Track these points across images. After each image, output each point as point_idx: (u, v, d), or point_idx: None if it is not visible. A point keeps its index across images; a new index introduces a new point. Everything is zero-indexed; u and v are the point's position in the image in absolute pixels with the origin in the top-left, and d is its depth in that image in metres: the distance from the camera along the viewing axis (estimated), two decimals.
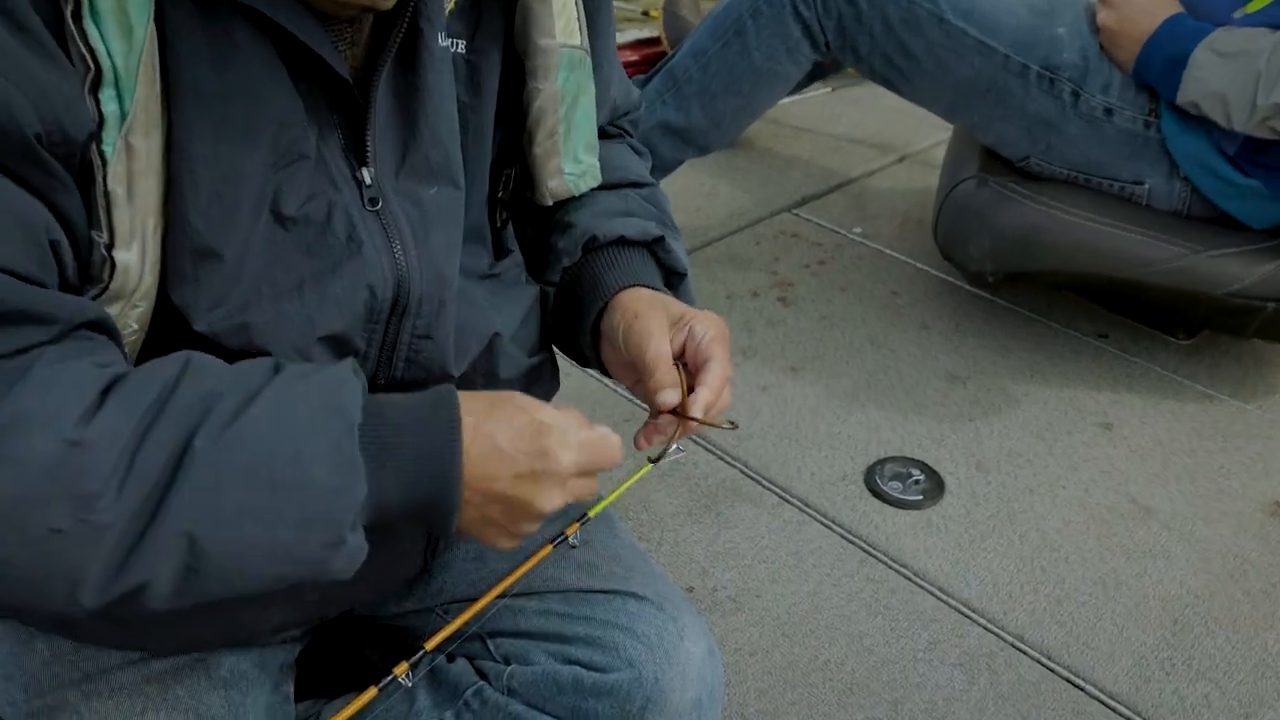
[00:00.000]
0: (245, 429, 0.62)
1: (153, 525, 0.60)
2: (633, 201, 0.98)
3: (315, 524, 0.64)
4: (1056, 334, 2.02)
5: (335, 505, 0.64)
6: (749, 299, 2.06)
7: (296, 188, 0.72)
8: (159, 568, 0.61)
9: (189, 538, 0.61)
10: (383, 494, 0.67)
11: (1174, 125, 1.71)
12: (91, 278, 0.66)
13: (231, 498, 0.61)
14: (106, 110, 0.63)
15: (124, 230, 0.66)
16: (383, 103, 0.75)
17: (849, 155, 2.70)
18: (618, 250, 0.93)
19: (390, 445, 0.68)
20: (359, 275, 0.74)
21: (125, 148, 0.64)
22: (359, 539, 0.67)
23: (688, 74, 1.99)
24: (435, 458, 0.68)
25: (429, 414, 0.69)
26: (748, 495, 1.57)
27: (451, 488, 0.69)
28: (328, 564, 0.66)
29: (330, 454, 0.64)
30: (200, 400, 0.63)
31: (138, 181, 0.65)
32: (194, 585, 0.63)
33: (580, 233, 0.93)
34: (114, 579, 0.61)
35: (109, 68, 0.62)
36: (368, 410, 0.67)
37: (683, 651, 0.89)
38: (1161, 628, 1.39)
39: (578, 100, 0.89)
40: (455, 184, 0.81)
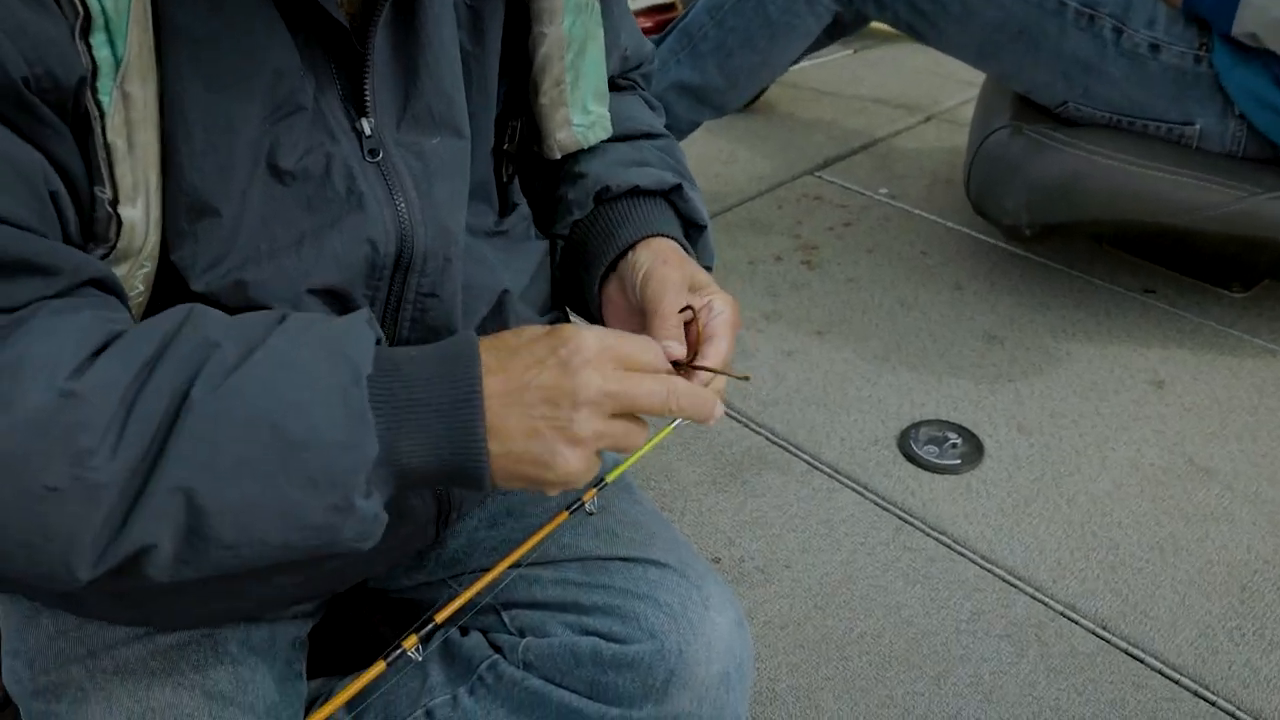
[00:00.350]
0: (245, 378, 0.58)
1: (149, 482, 0.56)
2: (647, 151, 0.93)
3: (321, 484, 0.59)
4: (1099, 290, 1.91)
5: (342, 462, 0.59)
6: (772, 263, 1.97)
7: (294, 140, 0.68)
8: (158, 530, 0.57)
9: (186, 494, 0.57)
10: (402, 458, 0.62)
11: (1228, 58, 1.59)
12: (97, 236, 0.63)
13: (230, 451, 0.57)
14: (99, 56, 0.59)
15: (127, 185, 0.63)
16: (381, 51, 0.72)
17: (873, 116, 2.61)
18: (633, 201, 0.88)
19: (405, 404, 0.62)
20: (359, 229, 0.71)
21: (122, 96, 0.61)
22: (374, 506, 0.61)
23: (703, 31, 1.90)
24: (454, 411, 0.62)
25: (448, 365, 0.63)
26: (774, 462, 1.48)
27: (474, 441, 0.62)
28: (339, 531, 0.60)
29: (336, 405, 0.59)
30: (197, 349, 0.59)
31: (137, 132, 0.62)
32: (197, 551, 0.59)
33: (592, 183, 0.88)
34: (112, 543, 0.57)
35: (98, 11, 0.59)
36: (381, 366, 0.62)
37: (708, 621, 0.83)
38: (1228, 594, 1.29)
39: (585, 47, 0.85)
40: (459, 133, 0.77)
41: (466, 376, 0.63)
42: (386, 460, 0.61)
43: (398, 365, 0.63)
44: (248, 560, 0.60)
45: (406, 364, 0.63)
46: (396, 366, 0.63)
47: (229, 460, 0.57)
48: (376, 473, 0.61)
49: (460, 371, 0.63)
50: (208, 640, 0.82)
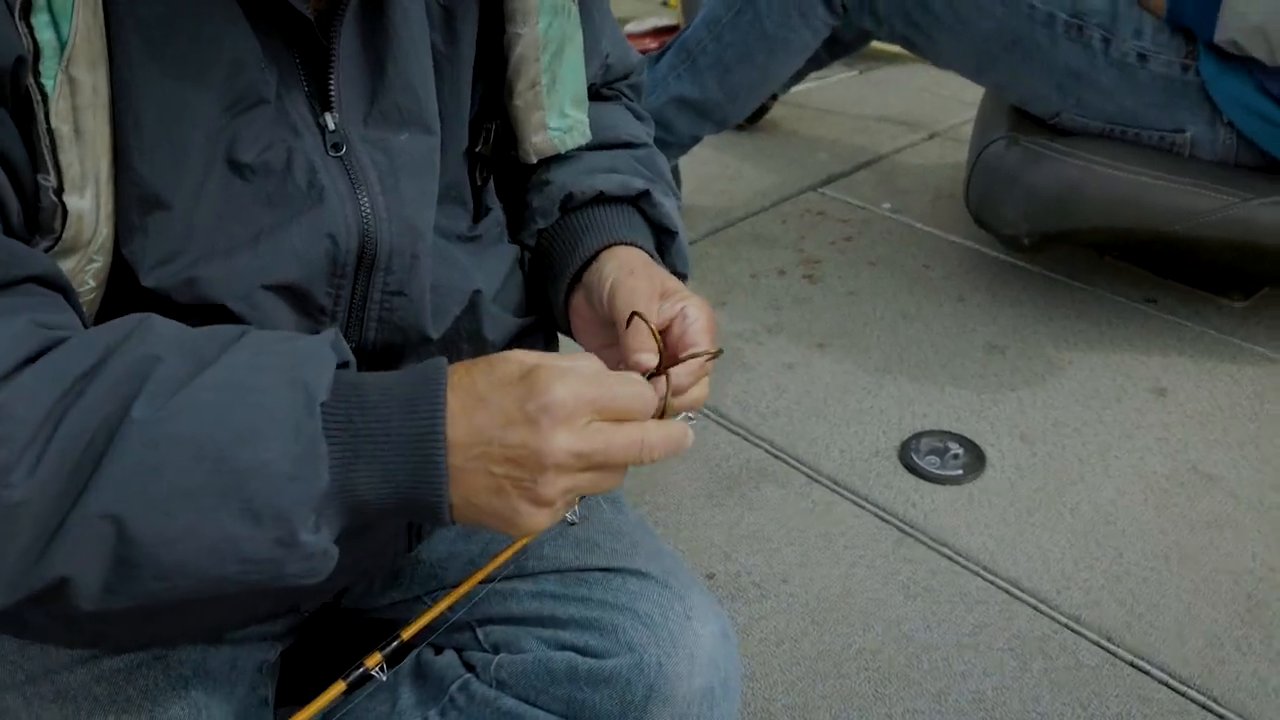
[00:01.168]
0: (191, 399, 0.54)
1: (76, 506, 0.52)
2: (620, 160, 0.91)
3: (265, 517, 0.55)
4: (1101, 300, 1.89)
5: (288, 495, 0.55)
6: (774, 277, 1.96)
7: (254, 134, 0.66)
8: (84, 557, 0.53)
9: (116, 522, 0.53)
10: (357, 490, 0.58)
11: (1214, 67, 1.59)
12: (41, 226, 0.60)
13: (168, 477, 0.53)
14: (42, 39, 0.57)
15: (74, 173, 0.60)
16: (348, 45, 0.70)
17: (877, 134, 2.61)
18: (598, 208, 0.85)
19: (363, 434, 0.58)
20: (319, 224, 0.68)
21: (67, 80, 0.58)
22: (321, 540, 0.58)
23: (701, 45, 1.91)
24: (414, 442, 0.58)
25: (411, 392, 0.59)
26: (773, 475, 1.47)
27: (434, 473, 0.58)
28: (282, 566, 0.57)
29: (286, 436, 0.55)
30: (138, 365, 0.55)
31: (84, 119, 0.59)
32: (128, 581, 0.55)
33: (557, 190, 0.85)
34: (30, 569, 0.53)
35: None
36: (340, 391, 0.59)
37: (690, 633, 0.80)
38: (1234, 604, 1.27)
39: (563, 49, 0.83)
40: (428, 129, 0.75)
41: (429, 408, 0.59)
42: (339, 491, 0.58)
43: (360, 391, 0.59)
44: (183, 592, 0.57)
45: (370, 390, 0.60)
46: (359, 392, 0.59)
47: (166, 487, 0.54)
48: (327, 505, 0.58)
49: (424, 402, 0.59)
50: (159, 663, 0.78)
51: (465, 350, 0.82)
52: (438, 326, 0.77)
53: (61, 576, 0.54)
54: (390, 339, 0.75)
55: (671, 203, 0.89)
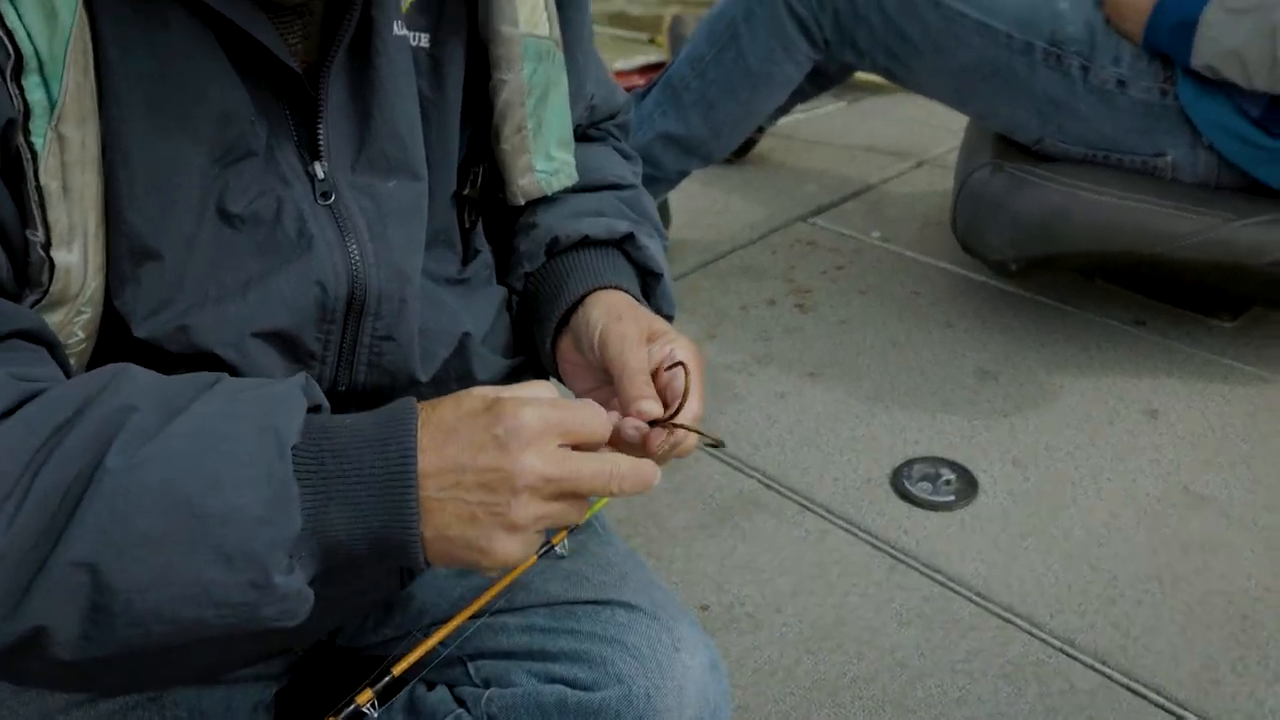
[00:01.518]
0: (162, 447, 0.55)
1: (51, 556, 0.53)
2: (606, 202, 0.92)
3: (237, 560, 0.55)
4: (1090, 324, 1.90)
5: (261, 538, 0.56)
6: (764, 308, 1.97)
7: (244, 185, 0.67)
8: (59, 606, 0.54)
9: (91, 570, 0.53)
10: (330, 531, 0.59)
11: (1192, 91, 1.61)
12: (30, 280, 0.61)
13: (141, 524, 0.54)
14: (32, 99, 0.58)
15: (61, 228, 0.61)
16: (335, 95, 0.71)
17: (865, 164, 2.63)
18: (583, 252, 0.86)
19: (335, 475, 0.59)
20: (308, 271, 0.69)
21: (56, 138, 0.59)
22: (295, 582, 0.58)
23: (685, 82, 1.93)
24: (385, 482, 0.59)
25: (382, 433, 0.60)
26: (766, 505, 1.47)
27: (406, 512, 0.59)
28: (257, 609, 0.57)
29: (258, 480, 0.56)
30: (114, 415, 0.56)
31: (73, 174, 0.61)
32: (103, 629, 0.55)
33: (543, 233, 0.86)
34: (7, 620, 0.53)
35: (30, 53, 0.58)
36: (311, 434, 0.59)
37: (678, 664, 0.80)
38: (1229, 624, 1.27)
39: (548, 94, 0.85)
40: (415, 176, 0.76)
41: (400, 447, 0.59)
42: (313, 533, 0.58)
43: (330, 434, 0.60)
44: (160, 639, 0.57)
45: (340, 433, 0.60)
46: (329, 435, 0.60)
47: (139, 535, 0.54)
48: (301, 547, 0.58)
49: (394, 442, 0.60)
50: (154, 705, 0.78)
51: (454, 389, 0.81)
52: (426, 369, 0.78)
53: (37, 626, 0.54)
54: (380, 382, 0.76)
55: (656, 244, 0.89)
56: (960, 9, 1.68)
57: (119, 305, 0.64)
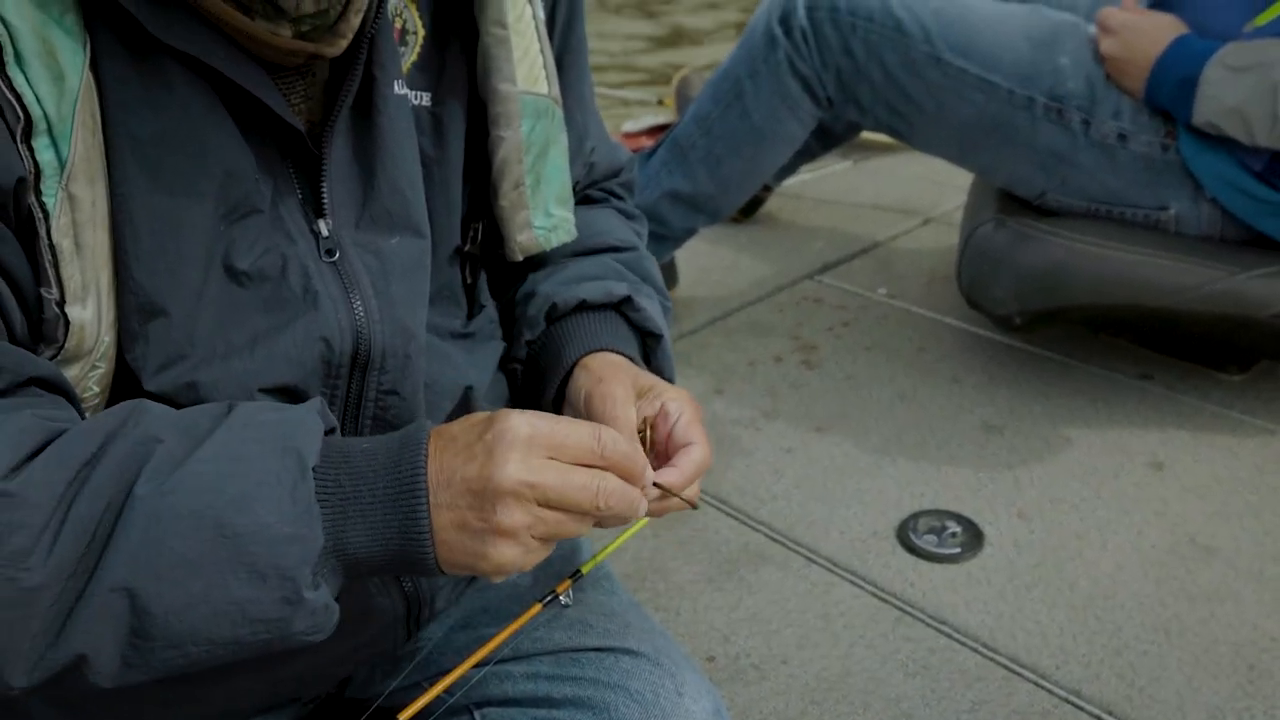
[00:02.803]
0: (189, 474, 0.57)
1: (90, 583, 0.55)
2: (605, 265, 0.93)
3: (270, 577, 0.58)
4: (1096, 378, 1.91)
5: (289, 555, 0.58)
6: (771, 364, 1.99)
7: (250, 242, 0.69)
8: (99, 633, 0.56)
9: (129, 594, 0.56)
10: (349, 548, 0.62)
11: (1193, 145, 1.63)
12: (45, 337, 0.63)
13: (174, 548, 0.56)
14: (42, 159, 0.60)
15: (75, 285, 0.63)
16: (339, 153, 0.73)
17: (872, 222, 2.66)
18: (580, 317, 0.87)
19: (351, 495, 0.62)
20: (313, 328, 0.71)
21: (67, 198, 0.61)
22: (323, 597, 0.61)
23: (691, 140, 1.97)
24: (397, 499, 0.62)
25: (395, 453, 0.63)
26: (772, 558, 1.47)
27: (417, 528, 0.62)
28: (289, 625, 0.60)
29: (283, 499, 0.59)
30: (139, 446, 0.58)
31: (84, 233, 0.63)
32: (142, 653, 0.57)
33: (542, 301, 0.88)
34: (50, 649, 0.55)
35: (39, 115, 0.60)
36: (330, 457, 0.62)
37: (682, 710, 0.80)
38: (1236, 674, 1.26)
39: (547, 151, 0.86)
40: (418, 233, 0.78)
41: (411, 466, 0.62)
42: (334, 551, 0.61)
43: (347, 456, 0.63)
44: (197, 660, 0.59)
45: (356, 455, 0.63)
46: (346, 457, 0.62)
47: (173, 558, 0.56)
48: (324, 563, 0.61)
49: (406, 461, 0.62)
50: None
51: None
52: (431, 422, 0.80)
53: (80, 654, 0.56)
54: None
55: (655, 306, 0.90)
56: (961, 65, 1.71)
57: (130, 360, 0.66)
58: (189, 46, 0.64)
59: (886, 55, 1.75)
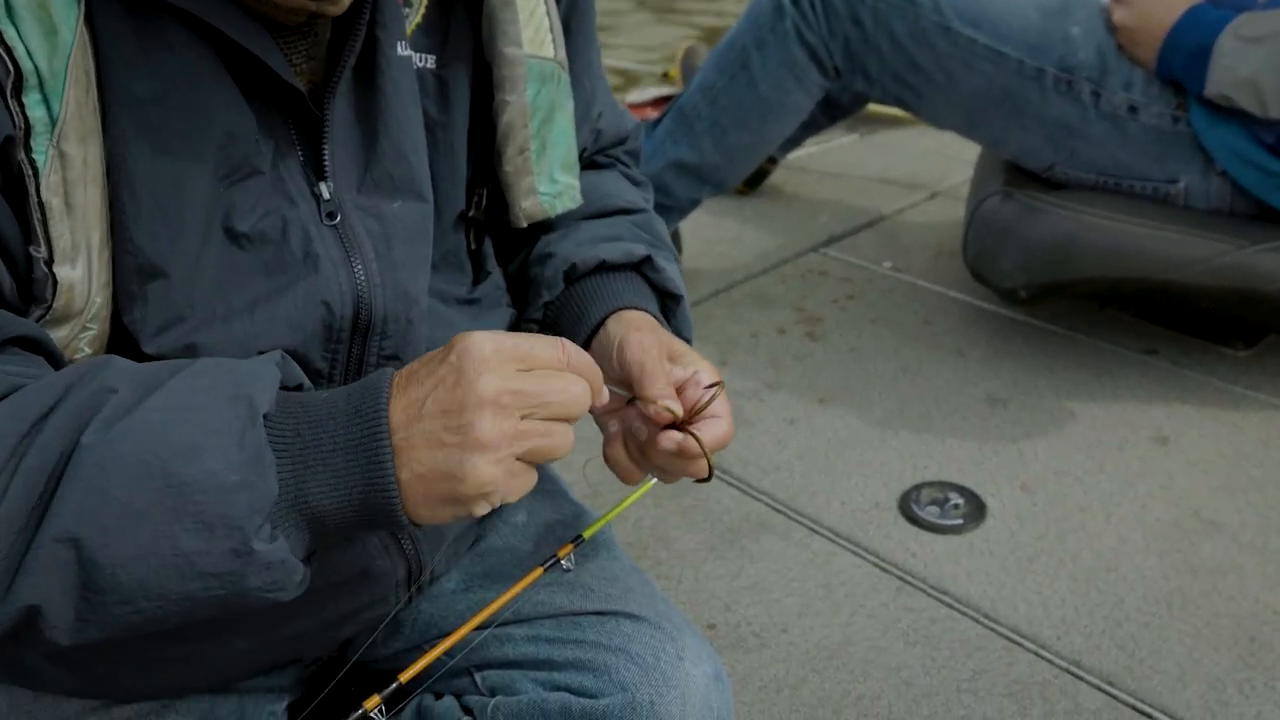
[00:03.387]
0: (138, 421, 0.56)
1: (37, 535, 0.54)
2: (620, 227, 0.92)
3: (217, 527, 0.56)
4: (1101, 352, 1.90)
5: (236, 504, 0.56)
6: (775, 336, 1.98)
7: (250, 204, 0.68)
8: (48, 585, 0.55)
9: (75, 545, 0.54)
10: (311, 500, 0.60)
11: (1205, 118, 1.62)
12: (35, 297, 0.62)
13: (120, 498, 0.55)
14: (33, 116, 0.59)
15: (64, 245, 0.61)
16: (341, 115, 0.72)
17: (878, 195, 2.64)
18: (602, 277, 0.86)
19: (311, 445, 0.60)
20: (314, 292, 0.70)
21: (58, 155, 0.60)
22: (279, 550, 0.58)
23: (696, 110, 1.96)
24: (359, 444, 0.59)
25: (355, 403, 0.61)
26: (774, 528, 1.47)
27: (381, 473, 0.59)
28: (242, 579, 0.58)
29: (230, 447, 0.56)
30: (94, 397, 0.57)
31: (75, 192, 0.61)
32: (94, 606, 0.56)
33: (560, 262, 0.86)
34: (1, 601, 0.54)
35: (30, 70, 0.59)
36: (287, 407, 0.60)
37: (682, 674, 0.80)
38: (1237, 646, 1.26)
39: (552, 116, 0.85)
40: (421, 197, 0.77)
41: (372, 411, 0.60)
42: (295, 504, 0.59)
43: (306, 405, 0.61)
44: (152, 616, 0.58)
45: (316, 406, 0.61)
46: (304, 406, 0.61)
47: (118, 507, 0.55)
48: (284, 516, 0.59)
49: (367, 407, 0.60)
50: (168, 711, 0.79)
51: None
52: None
53: (30, 606, 0.55)
54: None
55: (674, 267, 0.89)
56: (970, 35, 1.69)
57: (128, 322, 0.65)
58: (187, 3, 0.63)
59: (895, 24, 1.74)
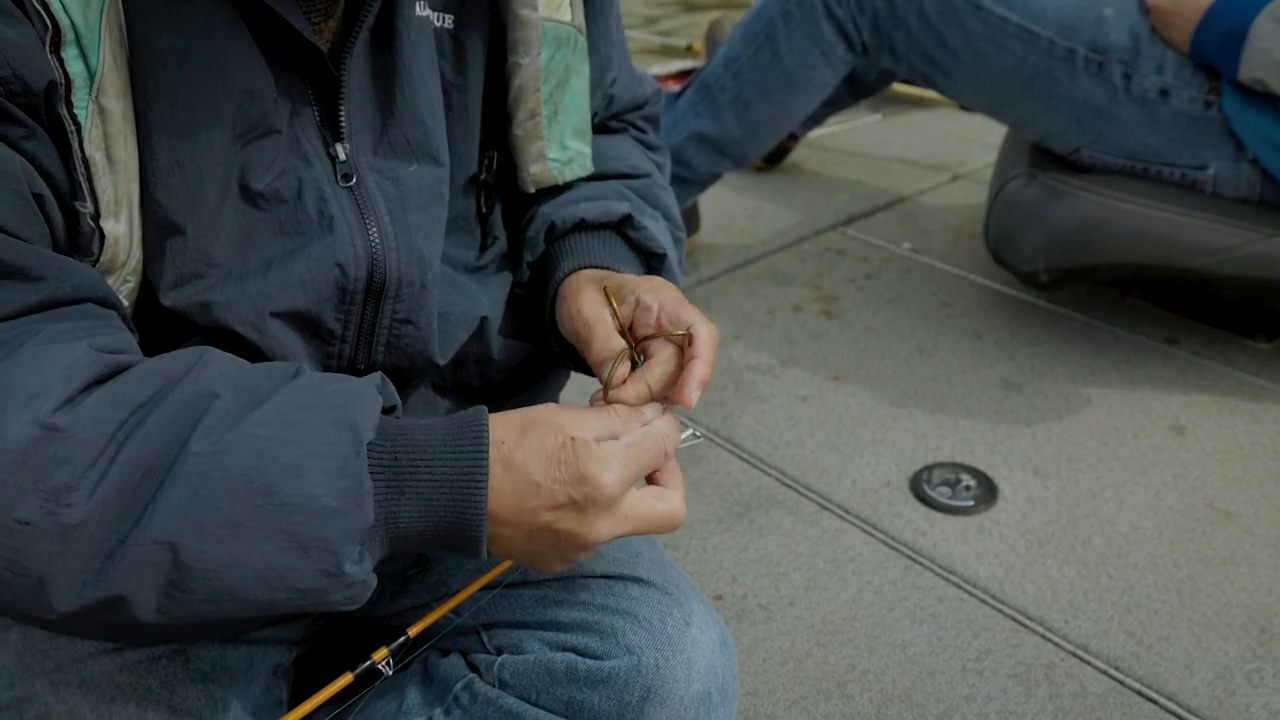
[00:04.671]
0: (244, 435, 0.57)
1: (134, 530, 0.55)
2: (611, 189, 0.90)
3: (311, 549, 0.57)
4: (1120, 339, 1.88)
5: (333, 529, 0.58)
6: (790, 313, 1.97)
7: (266, 163, 0.68)
8: (138, 579, 0.56)
9: (172, 548, 0.55)
10: (400, 523, 0.61)
11: (1237, 103, 1.59)
12: (81, 249, 0.63)
13: (221, 509, 0.56)
14: (72, 70, 0.60)
15: (109, 199, 0.62)
16: (358, 76, 0.72)
17: (899, 176, 2.62)
18: (577, 236, 0.85)
19: (408, 471, 0.61)
20: (328, 253, 0.70)
21: (98, 110, 0.60)
22: (364, 570, 0.60)
23: (720, 83, 1.94)
24: (458, 485, 0.62)
25: (455, 436, 0.62)
26: (783, 503, 1.47)
27: (476, 518, 0.62)
28: (325, 595, 0.60)
29: (333, 472, 0.58)
30: (197, 400, 0.58)
31: (115, 146, 0.62)
32: (179, 603, 0.58)
33: (540, 222, 0.85)
34: (89, 585, 0.55)
35: (67, 25, 0.59)
36: (386, 432, 0.61)
37: (688, 639, 0.80)
38: (1246, 636, 1.25)
39: (566, 81, 0.83)
40: (436, 161, 0.76)
41: (473, 450, 0.62)
42: (384, 525, 0.61)
43: (405, 431, 0.62)
44: (230, 614, 0.59)
45: (414, 431, 0.62)
46: (403, 432, 0.62)
47: (219, 518, 0.56)
48: (371, 537, 0.60)
49: (467, 444, 0.62)
50: (179, 657, 0.80)
51: (472, 372, 0.83)
52: (445, 352, 0.79)
53: (117, 594, 0.56)
54: (399, 363, 0.77)
55: (659, 225, 0.88)
56: (1002, 14, 1.67)
57: (149, 274, 0.66)
58: None
59: (925, 1, 1.71)
